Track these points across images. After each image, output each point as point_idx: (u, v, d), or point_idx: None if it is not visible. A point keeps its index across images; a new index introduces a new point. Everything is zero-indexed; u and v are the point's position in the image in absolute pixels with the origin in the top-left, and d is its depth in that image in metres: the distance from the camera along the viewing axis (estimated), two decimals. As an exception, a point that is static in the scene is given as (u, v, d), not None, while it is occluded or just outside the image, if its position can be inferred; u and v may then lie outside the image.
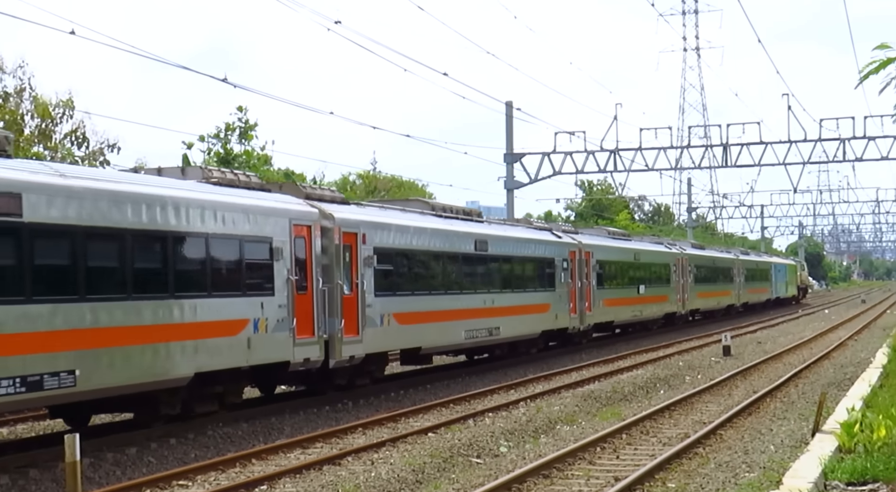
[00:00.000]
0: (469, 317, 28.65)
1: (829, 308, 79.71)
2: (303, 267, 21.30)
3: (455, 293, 28.05)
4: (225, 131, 53.16)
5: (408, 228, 25.99)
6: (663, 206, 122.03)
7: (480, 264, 29.73)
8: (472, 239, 29.29)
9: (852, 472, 12.09)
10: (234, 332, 19.43)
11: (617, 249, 42.47)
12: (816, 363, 31.95)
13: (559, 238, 36.05)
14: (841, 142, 54.10)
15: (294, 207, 21.70)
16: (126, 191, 17.21)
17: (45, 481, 14.95)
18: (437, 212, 29.00)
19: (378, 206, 27.83)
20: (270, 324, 20.25)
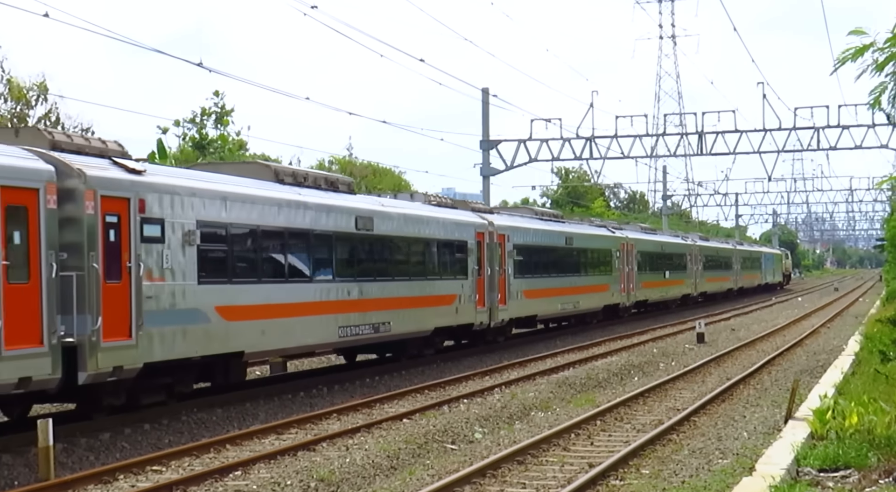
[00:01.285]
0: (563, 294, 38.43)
1: (803, 296, 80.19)
2: (478, 259, 30.79)
3: (557, 276, 37.89)
4: (201, 116, 52.95)
5: (529, 229, 35.72)
6: (639, 193, 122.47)
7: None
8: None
9: (824, 458, 12.15)
10: (449, 302, 29.17)
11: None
12: (789, 351, 32.15)
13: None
14: (815, 130, 54.32)
15: (476, 219, 31.54)
16: (423, 214, 28.54)
17: (17, 467, 14.87)
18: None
19: (518, 215, 38.21)
20: (465, 298, 29.97)
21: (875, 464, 11.90)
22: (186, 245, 18.54)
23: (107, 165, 17.32)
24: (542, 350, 32.49)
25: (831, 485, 11.29)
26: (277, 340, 21.63)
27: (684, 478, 13.82)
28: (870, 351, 24.18)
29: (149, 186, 17.80)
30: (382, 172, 72.70)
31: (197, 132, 52.82)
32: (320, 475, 14.09)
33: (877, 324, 31.12)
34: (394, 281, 26.15)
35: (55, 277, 15.68)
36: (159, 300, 17.81)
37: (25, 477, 14.40)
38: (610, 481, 13.79)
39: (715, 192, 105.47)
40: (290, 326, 21.79)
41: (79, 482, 13.89)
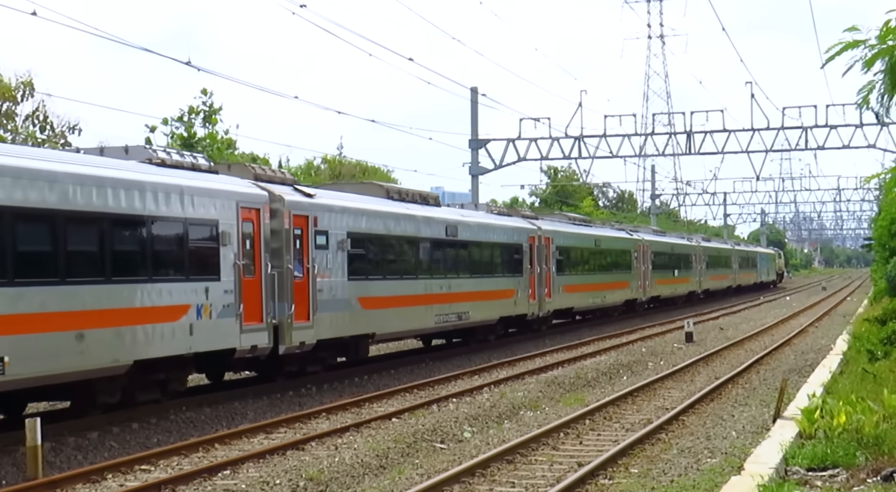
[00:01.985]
0: (594, 290, 43.25)
1: (791, 295, 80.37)
2: (530, 259, 35.93)
3: (589, 273, 42.98)
4: (189, 115, 52.82)
5: (568, 233, 41.58)
6: (627, 193, 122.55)
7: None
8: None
9: (813, 457, 12.18)
10: (510, 296, 34.17)
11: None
12: (778, 350, 32.22)
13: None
14: (803, 130, 54.47)
15: (527, 225, 36.74)
16: (490, 222, 34.16)
17: (5, 465, 14.83)
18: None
19: (557, 220, 43.04)
20: (521, 292, 34.93)
21: (863, 463, 11.93)
22: (340, 250, 23.99)
23: (292, 191, 22.83)
24: (531, 349, 32.51)
25: (819, 484, 11.32)
26: (396, 325, 27.09)
27: (673, 477, 13.84)
28: (858, 350, 24.25)
29: (319, 206, 23.33)
30: (371, 172, 72.65)
31: (185, 131, 52.70)
32: (309, 475, 14.07)
33: (864, 323, 31.21)
34: (472, 278, 31.38)
35: (269, 274, 21.11)
36: (325, 293, 23.17)
37: (13, 476, 14.36)
38: (599, 479, 13.80)
39: (703, 191, 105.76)
40: (405, 313, 27.30)
41: (67, 481, 13.86)
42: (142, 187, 18.01)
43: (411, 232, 27.67)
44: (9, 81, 39.49)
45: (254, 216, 21.02)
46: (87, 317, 16.69)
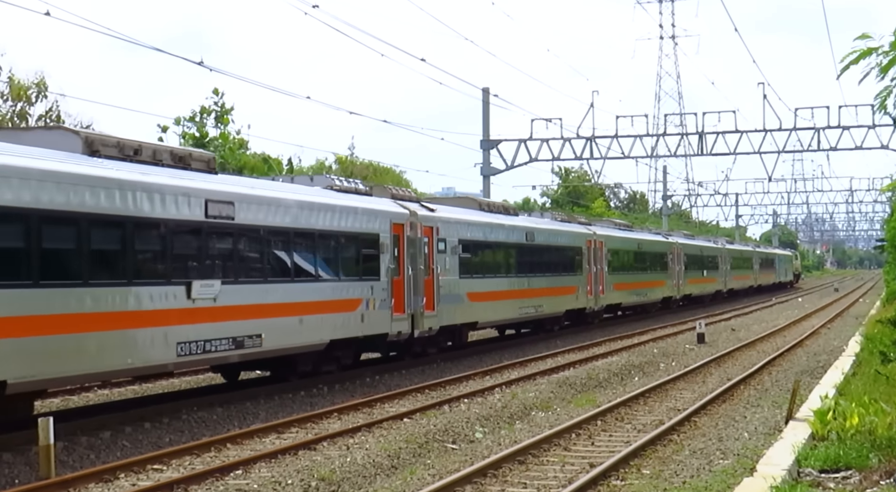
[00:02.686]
0: (637, 287, 48.40)
1: (803, 296, 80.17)
2: (588, 260, 40.59)
3: (635, 273, 48.59)
4: (200, 115, 52.93)
5: (619, 237, 46.55)
6: (639, 193, 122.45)
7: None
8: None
9: (825, 459, 12.16)
10: (573, 292, 39.09)
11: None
12: (790, 351, 32.15)
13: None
14: (815, 131, 54.31)
15: (586, 230, 42.01)
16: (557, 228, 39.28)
17: (18, 465, 14.87)
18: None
19: (604, 225, 47.21)
20: (581, 289, 39.96)
21: (876, 465, 11.91)
22: (454, 254, 29.28)
23: (420, 207, 28.15)
24: (543, 350, 32.50)
25: (832, 486, 11.30)
26: (493, 315, 32.52)
27: (685, 478, 13.82)
28: (870, 352, 24.17)
29: (440, 219, 28.70)
30: (383, 172, 72.71)
31: (197, 131, 52.80)
32: (321, 475, 14.09)
33: (877, 325, 31.10)
34: (544, 276, 36.15)
35: (409, 274, 26.50)
36: (444, 289, 28.36)
37: (26, 475, 14.40)
38: (611, 481, 13.79)
39: (715, 192, 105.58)
40: (500, 306, 32.70)
41: (79, 481, 13.89)
42: (334, 209, 23.57)
43: (502, 238, 33.47)
44: (21, 82, 39.61)
45: (399, 229, 26.37)
46: (305, 307, 22.13)
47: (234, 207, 19.67)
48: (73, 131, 18.48)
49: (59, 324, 15.82)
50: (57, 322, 15.79)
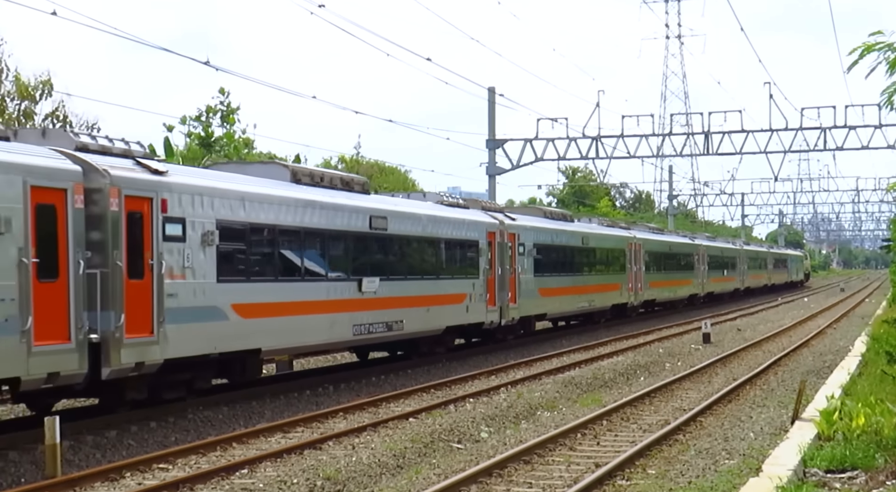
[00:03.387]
0: (669, 285, 54.47)
1: (809, 296, 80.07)
2: (628, 260, 45.74)
3: (665, 272, 53.17)
4: (206, 114, 52.94)
5: (653, 240, 51.70)
6: (644, 193, 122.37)
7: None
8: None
9: (831, 459, 12.15)
10: (617, 288, 44.29)
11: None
12: (796, 351, 32.11)
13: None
14: (822, 131, 54.23)
15: (627, 233, 47.00)
16: (605, 232, 44.21)
17: (24, 464, 14.89)
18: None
19: (640, 230, 51.53)
20: (624, 286, 45.35)
21: (882, 465, 11.90)
22: (529, 256, 34.20)
23: (505, 217, 33.34)
24: (548, 350, 32.49)
25: (838, 486, 11.29)
26: (560, 308, 38.27)
27: (691, 478, 13.81)
28: (876, 352, 24.13)
29: (521, 227, 34.03)
30: (388, 171, 72.75)
31: (203, 130, 52.81)
32: (326, 474, 14.09)
33: (883, 325, 31.04)
34: (595, 275, 41.51)
35: (500, 274, 31.63)
36: (523, 285, 33.41)
37: (32, 474, 14.43)
38: (616, 481, 13.78)
39: (721, 192, 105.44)
40: (565, 300, 38.25)
41: (85, 480, 13.91)
42: (448, 221, 28.73)
43: (565, 241, 38.78)
44: (28, 81, 39.67)
45: (492, 236, 31.24)
46: (431, 299, 27.40)
47: (387, 220, 25.21)
48: (283, 165, 24.05)
49: (286, 308, 21.17)
50: (285, 307, 21.14)
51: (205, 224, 18.71)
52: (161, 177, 17.94)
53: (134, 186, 17.25)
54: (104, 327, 16.39)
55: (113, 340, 16.56)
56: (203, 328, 18.66)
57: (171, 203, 17.94)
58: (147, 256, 17.40)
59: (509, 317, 32.58)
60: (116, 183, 16.94)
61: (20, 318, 14.96)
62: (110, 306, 16.54)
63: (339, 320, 23.01)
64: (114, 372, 16.72)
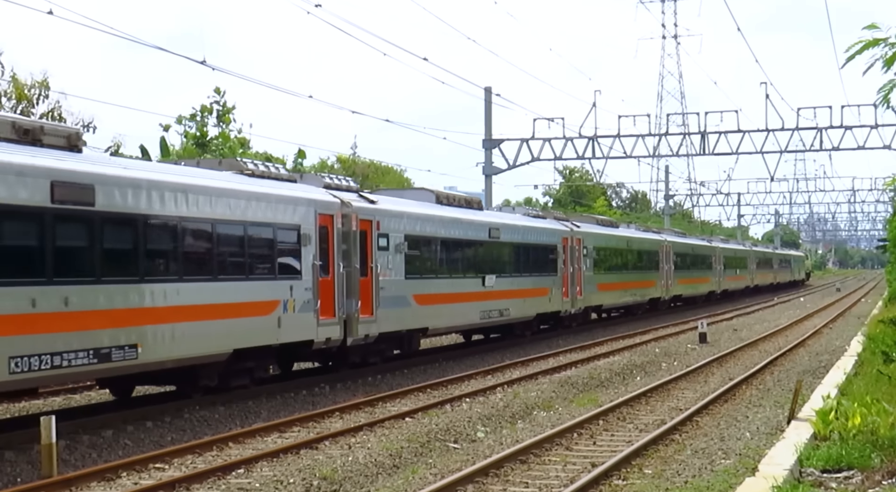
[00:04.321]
0: (695, 283, 62.15)
1: (805, 296, 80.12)
2: (661, 260, 52.65)
3: (689, 270, 60.52)
4: (201, 114, 52.92)
5: (680, 243, 59.14)
6: (640, 193, 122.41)
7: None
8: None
9: (827, 459, 12.15)
10: (653, 284, 51.40)
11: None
12: (792, 351, 32.13)
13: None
14: (818, 131, 54.27)
15: (658, 237, 53.00)
16: (642, 236, 52.20)
17: (20, 463, 14.88)
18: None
19: (672, 233, 59.78)
20: (659, 282, 52.52)
21: (878, 465, 11.90)
22: (589, 257, 40.96)
23: (575, 225, 40.55)
24: (545, 349, 32.51)
25: (834, 486, 11.29)
26: (613, 300, 45.09)
27: (687, 478, 13.82)
28: (872, 352, 24.14)
29: (586, 234, 41.32)
30: (385, 171, 72.73)
31: (198, 130, 52.78)
32: (323, 474, 14.09)
33: (879, 325, 31.05)
34: (637, 272, 48.87)
35: (570, 272, 38.70)
36: (584, 281, 40.25)
37: (28, 474, 14.41)
38: (613, 480, 13.78)
39: (717, 192, 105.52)
40: (618, 293, 45.39)
41: (81, 479, 13.90)
42: (537, 230, 36.41)
43: (628, 246, 46.74)
44: (24, 82, 39.57)
45: (565, 242, 38.44)
46: (526, 292, 34.63)
47: (500, 230, 32.96)
48: (430, 191, 31.17)
49: (444, 298, 28.74)
50: (444, 297, 28.71)
51: (398, 237, 26.15)
52: (376, 205, 25.44)
53: (364, 212, 24.65)
54: (349, 310, 23.62)
55: (354, 319, 23.78)
56: (398, 312, 25.92)
57: (382, 224, 25.28)
58: (370, 260, 24.63)
59: (578, 306, 40.01)
60: (356, 211, 24.23)
61: (313, 301, 22.15)
62: (353, 296, 23.76)
63: (471, 308, 30.53)
64: (354, 341, 23.97)
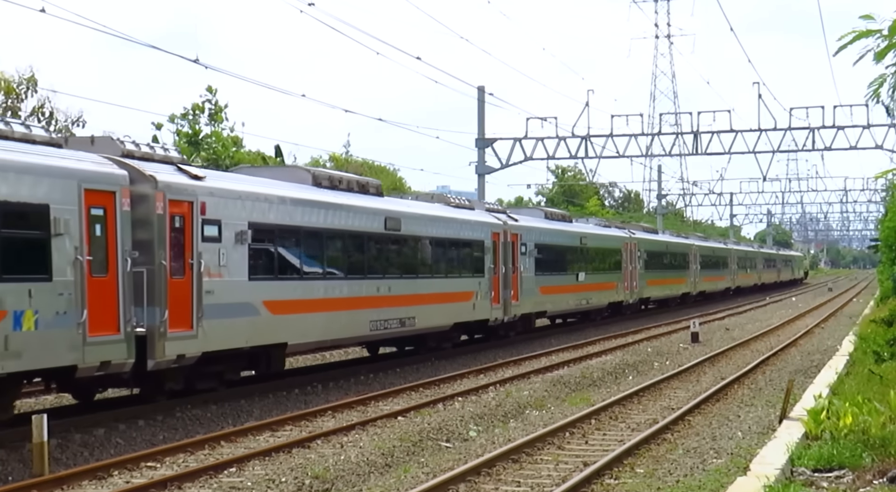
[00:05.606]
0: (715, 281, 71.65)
1: (797, 296, 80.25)
2: (685, 262, 61.45)
3: (714, 270, 70.72)
4: (193, 112, 52.83)
5: (702, 246, 67.53)
6: (633, 192, 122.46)
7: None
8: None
9: (819, 458, 12.16)
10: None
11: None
12: (783, 350, 32.17)
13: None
14: (810, 131, 54.34)
15: (685, 241, 63.93)
16: (668, 239, 60.86)
17: (11, 462, 14.85)
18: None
19: (699, 238, 73.05)
20: (689, 280, 61.97)
21: (869, 464, 11.92)
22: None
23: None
24: (537, 348, 32.51)
25: (825, 485, 11.31)
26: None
27: (679, 477, 13.83)
28: (864, 351, 24.21)
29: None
30: (377, 170, 72.66)
31: (190, 128, 52.69)
32: (315, 472, 14.08)
33: (871, 324, 31.16)
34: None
35: (630, 270, 48.12)
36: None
37: (20, 472, 14.38)
38: (605, 479, 13.80)
39: (710, 191, 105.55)
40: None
41: (73, 478, 13.88)
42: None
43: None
44: (11, 77, 39.45)
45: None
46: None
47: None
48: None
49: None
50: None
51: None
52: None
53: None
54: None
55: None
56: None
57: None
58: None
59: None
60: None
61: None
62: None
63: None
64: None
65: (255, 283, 20.72)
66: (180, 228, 18.71)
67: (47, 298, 15.77)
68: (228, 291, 19.88)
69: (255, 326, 20.74)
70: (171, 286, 18.31)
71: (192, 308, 18.77)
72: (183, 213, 18.78)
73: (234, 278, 20.14)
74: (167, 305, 18.15)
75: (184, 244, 18.76)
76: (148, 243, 17.97)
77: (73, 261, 16.28)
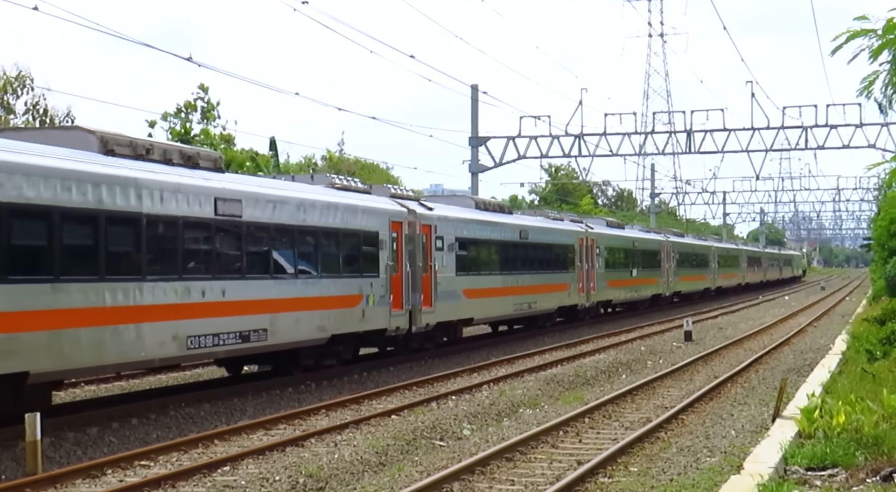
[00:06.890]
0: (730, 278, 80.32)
1: (789, 295, 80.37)
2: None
3: (731, 268, 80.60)
4: (185, 110, 52.79)
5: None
6: (626, 191, 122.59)
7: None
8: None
9: (812, 457, 12.18)
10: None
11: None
12: (777, 349, 32.22)
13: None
14: (803, 130, 54.42)
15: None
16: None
17: (4, 461, 14.82)
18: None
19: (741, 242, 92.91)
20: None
21: (862, 463, 11.94)
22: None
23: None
24: (531, 347, 32.52)
25: (819, 484, 11.32)
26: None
27: (672, 476, 13.84)
28: (857, 350, 24.26)
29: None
30: (371, 168, 72.71)
31: (181, 126, 52.68)
32: (308, 471, 14.07)
33: (863, 323, 31.21)
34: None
35: (668, 268, 57.79)
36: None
37: (13, 471, 14.35)
38: (598, 478, 13.80)
39: (703, 190, 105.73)
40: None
41: (66, 477, 13.85)
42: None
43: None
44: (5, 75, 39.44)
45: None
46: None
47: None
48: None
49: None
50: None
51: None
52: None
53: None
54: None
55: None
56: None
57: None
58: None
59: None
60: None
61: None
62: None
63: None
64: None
65: (459, 277, 30.38)
66: (426, 243, 28.48)
67: (378, 288, 25.61)
68: (447, 282, 29.47)
69: (459, 306, 30.37)
70: (423, 280, 28.11)
71: (432, 294, 28.53)
72: (427, 232, 28.54)
73: (449, 274, 29.74)
74: (422, 291, 27.95)
75: (427, 253, 28.44)
76: (412, 253, 27.59)
77: (387, 265, 26.06)
